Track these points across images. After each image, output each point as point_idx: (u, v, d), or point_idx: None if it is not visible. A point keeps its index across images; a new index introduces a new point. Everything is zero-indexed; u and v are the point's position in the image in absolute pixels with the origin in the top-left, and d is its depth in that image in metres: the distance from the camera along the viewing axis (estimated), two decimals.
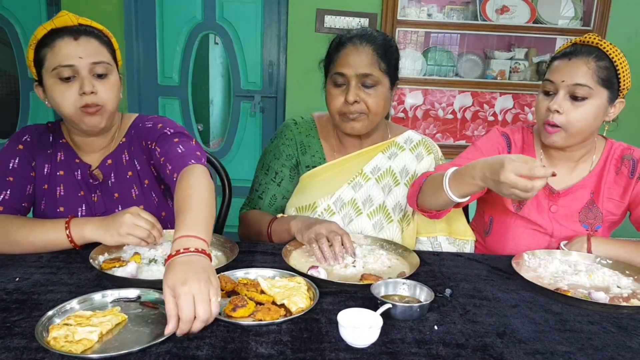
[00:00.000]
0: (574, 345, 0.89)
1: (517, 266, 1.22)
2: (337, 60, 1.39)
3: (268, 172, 1.54)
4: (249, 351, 0.81)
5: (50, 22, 1.22)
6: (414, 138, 1.56)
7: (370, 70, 1.36)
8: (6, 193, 1.26)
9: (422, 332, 0.90)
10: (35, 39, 1.22)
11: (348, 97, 1.36)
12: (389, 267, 1.21)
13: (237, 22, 3.24)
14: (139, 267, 1.09)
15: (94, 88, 1.20)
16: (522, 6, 3.22)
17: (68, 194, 1.33)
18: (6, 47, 3.33)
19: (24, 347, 0.78)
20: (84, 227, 1.16)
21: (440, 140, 3.37)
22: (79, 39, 1.21)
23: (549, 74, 1.34)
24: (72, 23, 1.22)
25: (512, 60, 3.31)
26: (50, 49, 1.20)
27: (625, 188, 1.39)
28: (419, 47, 3.33)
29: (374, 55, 1.37)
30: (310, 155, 1.53)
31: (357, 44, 1.38)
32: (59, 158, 1.34)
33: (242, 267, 1.11)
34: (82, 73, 1.20)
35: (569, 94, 1.29)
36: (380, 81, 1.39)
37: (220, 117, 3.72)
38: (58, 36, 1.20)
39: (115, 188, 1.34)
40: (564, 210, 1.41)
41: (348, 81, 1.38)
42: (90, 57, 1.20)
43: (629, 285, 1.17)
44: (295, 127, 1.55)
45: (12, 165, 1.28)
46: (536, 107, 1.38)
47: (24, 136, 1.32)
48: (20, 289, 1.00)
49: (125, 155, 1.35)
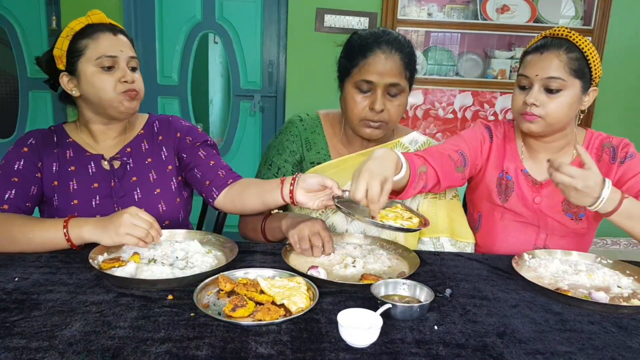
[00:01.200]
0: (575, 345, 0.88)
1: (517, 266, 1.22)
2: (365, 67, 1.35)
3: (271, 167, 1.52)
4: (249, 351, 0.80)
5: (86, 17, 1.33)
6: (419, 139, 1.56)
7: (398, 79, 1.36)
8: (11, 192, 1.29)
9: (422, 332, 0.90)
10: (72, 31, 1.30)
11: (375, 106, 1.35)
12: (389, 267, 1.21)
13: (237, 22, 3.24)
14: (139, 267, 1.09)
15: (133, 78, 1.33)
16: (523, 5, 3.21)
17: (82, 187, 1.37)
18: (6, 47, 3.33)
19: (24, 347, 0.78)
20: (82, 227, 1.16)
21: (441, 140, 3.37)
22: (117, 35, 1.33)
23: (523, 69, 1.36)
24: (106, 21, 1.35)
25: (513, 59, 3.31)
26: (92, 40, 1.30)
27: (607, 174, 1.39)
28: (419, 47, 3.33)
29: (402, 64, 1.36)
30: (316, 152, 1.52)
31: (387, 51, 1.35)
32: (68, 155, 1.39)
33: (241, 267, 1.11)
34: (122, 64, 1.32)
35: (544, 87, 1.31)
36: (404, 89, 1.39)
37: (220, 117, 3.72)
38: (98, 30, 1.31)
39: (133, 173, 1.42)
40: (547, 200, 1.42)
41: (374, 88, 1.36)
42: (128, 52, 1.34)
43: (629, 285, 1.16)
44: (300, 123, 1.54)
45: (18, 166, 1.32)
46: (513, 101, 1.39)
47: (29, 139, 1.37)
48: (20, 288, 1.00)
49: (145, 145, 1.46)
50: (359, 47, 1.38)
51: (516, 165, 1.46)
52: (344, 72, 1.42)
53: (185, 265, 1.13)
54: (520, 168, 1.46)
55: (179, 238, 1.29)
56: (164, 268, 1.09)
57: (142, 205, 1.39)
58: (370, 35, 1.38)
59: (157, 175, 1.44)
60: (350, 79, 1.39)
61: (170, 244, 1.23)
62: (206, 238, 1.29)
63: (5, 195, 1.28)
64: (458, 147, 1.42)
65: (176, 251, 1.18)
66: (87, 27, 1.31)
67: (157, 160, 1.45)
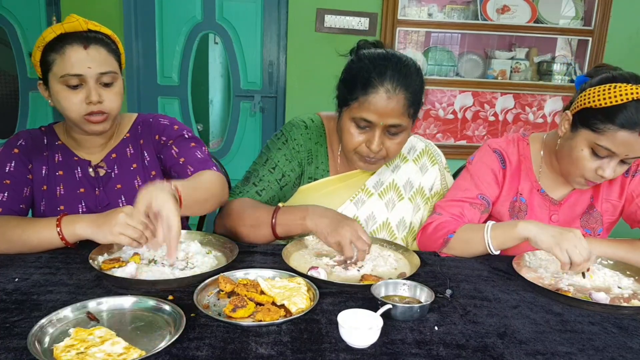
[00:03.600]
0: (575, 346, 0.88)
1: (517, 266, 1.21)
2: (365, 104, 1.23)
3: (273, 171, 1.40)
4: (249, 352, 0.80)
5: (59, 26, 1.23)
6: (417, 146, 1.51)
7: (400, 120, 1.25)
8: (4, 195, 1.27)
9: (422, 333, 0.90)
10: (43, 41, 1.23)
11: (372, 146, 1.26)
12: (395, 268, 1.21)
13: (237, 22, 3.24)
14: (139, 268, 1.09)
15: (101, 97, 1.24)
16: (523, 6, 3.21)
17: (68, 192, 1.34)
18: (5, 47, 3.32)
19: (24, 348, 0.78)
20: (76, 224, 1.14)
21: (441, 141, 3.37)
22: (89, 47, 1.22)
23: (606, 140, 1.20)
24: (81, 28, 1.24)
25: (513, 60, 3.31)
26: (59, 55, 1.21)
27: (622, 187, 1.41)
28: (420, 47, 3.33)
29: (405, 104, 1.24)
30: (315, 167, 1.44)
31: (391, 90, 1.21)
32: (57, 159, 1.36)
33: (241, 268, 1.11)
34: (90, 82, 1.23)
35: (621, 161, 1.24)
36: (406, 128, 1.28)
37: (220, 117, 3.72)
38: (67, 43, 1.21)
39: (118, 180, 1.38)
40: (564, 217, 1.41)
41: (373, 127, 1.26)
42: (99, 67, 1.23)
43: (629, 286, 1.16)
44: (306, 131, 1.43)
45: (9, 168, 1.30)
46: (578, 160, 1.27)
47: (19, 140, 1.34)
48: (20, 289, 1.00)
49: (130, 149, 1.41)
50: (360, 79, 1.24)
51: (531, 185, 1.44)
52: (342, 100, 1.31)
53: (185, 265, 1.12)
54: (536, 188, 1.43)
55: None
56: (164, 268, 1.09)
57: None
58: (374, 67, 1.23)
59: (142, 181, 1.39)
60: (348, 110, 1.28)
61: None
62: (206, 239, 1.29)
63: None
64: (478, 192, 1.40)
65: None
66: (58, 38, 1.22)
67: (141, 165, 1.41)
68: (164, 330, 0.85)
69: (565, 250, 1.11)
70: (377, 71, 1.22)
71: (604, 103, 1.19)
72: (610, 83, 1.20)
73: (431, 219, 1.39)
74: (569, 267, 1.12)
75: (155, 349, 0.78)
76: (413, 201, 1.47)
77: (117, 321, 0.89)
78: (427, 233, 1.36)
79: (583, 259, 1.10)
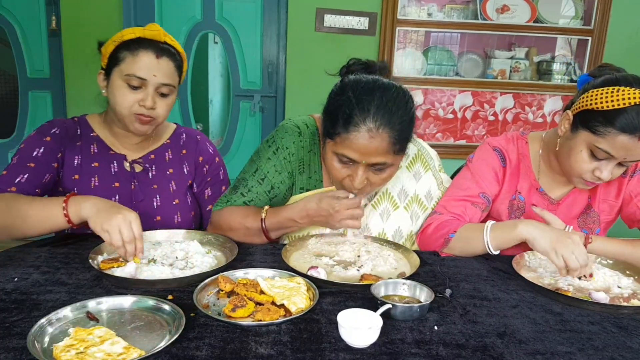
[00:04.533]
0: (575, 346, 0.88)
1: (517, 266, 1.21)
2: (346, 141, 1.16)
3: (262, 182, 1.35)
4: (249, 351, 0.80)
5: (140, 30, 1.31)
6: (409, 152, 1.43)
7: (384, 158, 1.18)
8: (23, 177, 1.29)
9: (422, 333, 0.90)
10: (121, 38, 1.30)
11: (354, 182, 1.21)
12: (395, 268, 1.21)
13: (237, 22, 3.24)
14: (138, 267, 1.09)
15: (154, 105, 1.31)
16: (523, 5, 3.21)
17: (102, 184, 1.38)
18: (5, 47, 3.32)
19: (23, 348, 0.78)
20: (82, 203, 1.14)
21: (441, 140, 3.37)
22: (160, 58, 1.30)
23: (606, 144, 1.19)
24: (159, 39, 1.33)
25: (513, 59, 3.31)
26: (131, 55, 1.29)
27: (619, 188, 1.41)
28: (419, 47, 3.33)
29: (390, 142, 1.16)
30: (307, 176, 1.38)
31: (373, 130, 1.13)
32: (92, 150, 1.40)
33: (241, 268, 1.11)
34: (149, 88, 1.30)
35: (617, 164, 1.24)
36: (392, 164, 1.22)
37: (220, 117, 3.72)
38: (143, 47, 1.29)
39: (154, 180, 1.44)
40: (562, 217, 1.41)
41: (356, 163, 1.20)
42: (162, 78, 1.31)
43: (629, 286, 1.16)
44: (299, 139, 1.35)
45: (36, 153, 1.32)
46: (576, 161, 1.27)
47: (53, 129, 1.37)
48: (19, 289, 1.00)
49: (169, 154, 1.48)
50: (342, 114, 1.16)
51: (530, 183, 1.44)
52: (325, 132, 1.24)
53: (185, 265, 1.12)
54: (535, 187, 1.44)
55: (178, 238, 1.29)
56: (163, 268, 1.09)
57: (160, 214, 1.41)
58: (357, 102, 1.15)
59: (176, 186, 1.46)
60: (331, 143, 1.21)
61: (170, 244, 1.23)
62: (206, 238, 1.29)
63: (17, 179, 1.27)
64: (480, 190, 1.40)
65: (176, 251, 1.18)
66: (136, 40, 1.30)
67: (178, 172, 1.48)
68: (164, 330, 0.85)
69: (561, 255, 1.11)
70: (360, 107, 1.15)
71: (606, 106, 1.18)
72: (613, 86, 1.19)
73: (431, 219, 1.38)
74: (565, 272, 1.12)
75: (154, 349, 0.78)
76: (409, 209, 1.43)
77: (117, 321, 0.89)
78: (428, 233, 1.36)
79: (579, 265, 1.10)
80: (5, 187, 1.26)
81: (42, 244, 1.26)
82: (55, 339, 0.81)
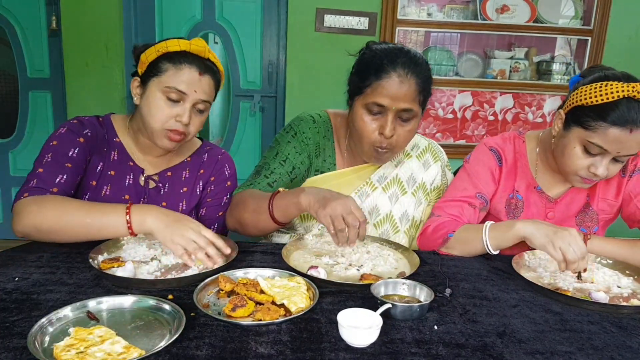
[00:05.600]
0: (574, 345, 0.88)
1: (517, 266, 1.22)
2: (378, 89, 1.27)
3: (284, 164, 1.42)
4: (249, 351, 0.80)
5: (186, 43, 1.29)
6: (420, 144, 1.55)
7: (411, 105, 1.29)
8: (63, 177, 1.26)
9: (422, 332, 0.90)
10: (165, 48, 1.27)
11: (385, 131, 1.29)
12: (395, 268, 1.21)
13: (237, 22, 3.24)
14: (138, 267, 1.09)
15: (190, 120, 1.30)
16: (523, 5, 3.22)
17: (113, 194, 1.35)
18: (5, 47, 3.32)
19: (23, 347, 0.78)
20: (147, 215, 1.13)
21: (441, 140, 3.38)
22: (203, 75, 1.29)
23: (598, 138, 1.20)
24: (203, 55, 1.31)
25: (513, 59, 3.31)
26: (174, 68, 1.27)
27: (618, 187, 1.41)
28: (419, 47, 3.33)
29: (417, 89, 1.28)
30: (322, 160, 1.47)
31: (402, 75, 1.26)
32: (113, 157, 1.37)
33: (241, 267, 1.11)
34: (187, 104, 1.28)
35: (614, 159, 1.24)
36: (417, 115, 1.33)
37: (220, 117, 3.72)
38: (187, 61, 1.28)
39: (165, 197, 1.41)
40: (560, 215, 1.42)
41: (385, 112, 1.29)
42: (202, 95, 1.30)
43: (629, 285, 1.16)
44: (314, 125, 1.47)
45: (72, 153, 1.30)
46: (571, 159, 1.28)
47: (85, 130, 1.34)
48: (20, 288, 1.00)
49: (186, 173, 1.46)
50: (373, 66, 1.29)
51: (528, 182, 1.44)
52: (354, 90, 1.34)
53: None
54: (533, 185, 1.44)
55: None
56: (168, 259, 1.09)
57: None
58: (386, 55, 1.29)
59: (186, 206, 1.44)
60: (360, 98, 1.32)
61: None
62: None
63: (57, 179, 1.25)
64: (476, 190, 1.42)
65: None
66: (180, 52, 1.27)
67: (192, 191, 1.46)
68: (164, 330, 0.86)
69: (559, 248, 1.11)
70: (389, 58, 1.28)
71: (595, 100, 1.19)
72: (602, 81, 1.20)
73: (430, 221, 1.39)
74: (565, 266, 1.12)
75: (155, 349, 0.78)
76: (416, 195, 1.50)
77: (117, 320, 0.89)
78: (427, 235, 1.37)
79: (577, 257, 1.10)
80: (47, 187, 1.22)
81: (42, 244, 1.26)
82: (55, 339, 0.81)
